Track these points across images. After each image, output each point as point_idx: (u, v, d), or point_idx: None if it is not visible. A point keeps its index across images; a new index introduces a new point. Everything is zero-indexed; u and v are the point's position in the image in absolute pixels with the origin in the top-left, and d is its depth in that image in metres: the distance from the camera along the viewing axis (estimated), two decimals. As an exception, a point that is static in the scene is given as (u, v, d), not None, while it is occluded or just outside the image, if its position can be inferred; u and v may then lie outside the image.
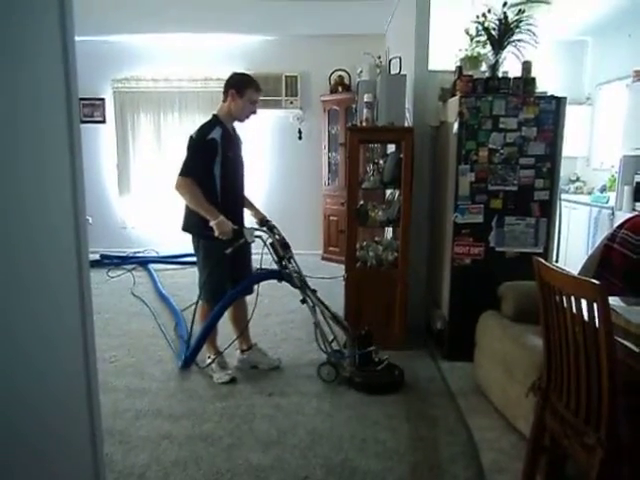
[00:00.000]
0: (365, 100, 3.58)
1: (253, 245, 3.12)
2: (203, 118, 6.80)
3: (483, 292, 3.06)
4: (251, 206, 3.36)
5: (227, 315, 3.28)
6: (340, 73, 6.45)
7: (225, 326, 3.38)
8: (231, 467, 2.31)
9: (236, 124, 3.19)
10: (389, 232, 4.23)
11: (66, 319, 1.27)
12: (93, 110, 6.76)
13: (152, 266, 6.11)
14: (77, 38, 1.28)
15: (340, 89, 6.38)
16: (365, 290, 3.61)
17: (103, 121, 6.82)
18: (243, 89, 3.04)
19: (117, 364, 3.42)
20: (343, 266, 3.76)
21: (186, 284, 5.45)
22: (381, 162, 3.75)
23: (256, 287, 3.24)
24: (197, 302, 3.19)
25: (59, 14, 1.17)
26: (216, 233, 2.88)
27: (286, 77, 6.48)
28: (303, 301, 3.15)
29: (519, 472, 2.13)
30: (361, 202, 3.75)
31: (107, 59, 6.56)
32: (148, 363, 3.44)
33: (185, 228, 3.13)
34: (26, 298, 1.12)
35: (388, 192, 3.99)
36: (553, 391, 1.91)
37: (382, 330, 3.51)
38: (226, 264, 3.01)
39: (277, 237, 3.18)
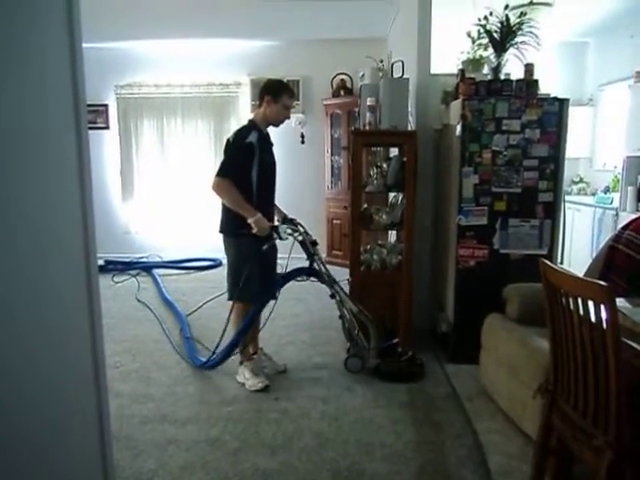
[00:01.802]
0: (368, 104, 3.59)
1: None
2: (206, 123, 6.95)
3: (488, 294, 3.05)
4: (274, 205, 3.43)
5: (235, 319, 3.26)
6: (342, 77, 6.46)
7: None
8: (238, 472, 2.31)
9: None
10: (393, 235, 4.23)
11: (75, 325, 1.27)
12: (97, 116, 6.79)
13: (156, 271, 6.12)
14: (82, 45, 1.29)
15: (342, 93, 6.40)
16: (369, 293, 3.61)
17: (107, 127, 6.86)
18: (278, 95, 3.12)
19: (122, 369, 3.42)
20: (347, 270, 3.76)
21: (190, 289, 5.47)
22: (384, 165, 3.75)
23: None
24: (233, 306, 3.20)
25: (67, 22, 1.18)
26: (254, 230, 2.95)
27: (288, 81, 6.47)
28: (332, 296, 3.26)
29: (526, 475, 2.12)
30: (365, 206, 3.75)
31: (110, 65, 6.59)
32: (153, 368, 3.45)
33: (222, 230, 3.18)
34: (35, 305, 1.12)
35: (391, 195, 3.99)
36: (560, 393, 1.90)
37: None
38: (265, 262, 3.09)
39: (306, 234, 3.25)
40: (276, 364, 3.36)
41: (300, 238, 3.22)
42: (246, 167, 3.03)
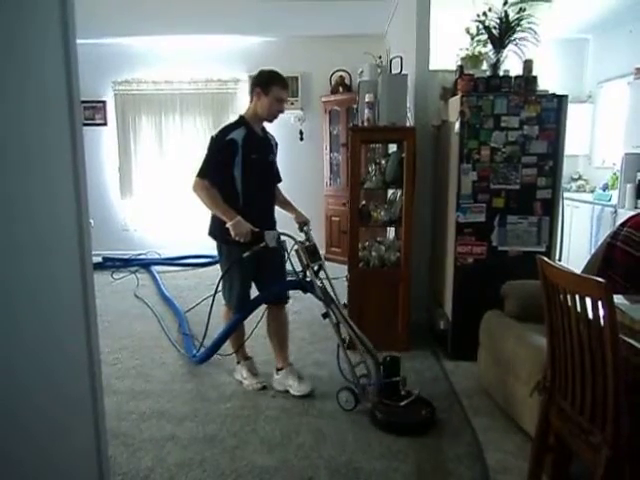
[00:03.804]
0: (366, 100, 3.58)
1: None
2: (204, 120, 6.95)
3: (486, 291, 3.05)
4: (292, 209, 3.25)
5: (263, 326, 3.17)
6: (341, 73, 6.45)
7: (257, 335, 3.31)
8: (235, 468, 2.30)
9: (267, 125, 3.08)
10: (391, 232, 4.23)
11: (70, 321, 1.27)
12: (94, 113, 6.78)
13: (154, 268, 6.12)
14: (77, 41, 1.28)
15: (341, 89, 6.39)
16: (368, 290, 3.61)
17: (104, 124, 6.84)
18: (268, 86, 2.89)
19: (120, 366, 3.42)
20: (345, 267, 3.76)
21: (188, 286, 5.47)
22: (383, 162, 3.74)
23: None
24: (211, 304, 3.02)
25: (60, 18, 1.17)
26: (232, 234, 2.74)
27: (287, 78, 6.47)
28: (325, 315, 2.86)
29: (524, 472, 2.12)
30: (363, 202, 3.74)
31: (108, 61, 6.58)
32: (151, 365, 3.44)
33: (209, 232, 3.02)
34: (31, 300, 1.12)
35: (390, 192, 3.99)
36: (558, 390, 1.90)
37: (385, 331, 3.51)
38: (248, 269, 2.90)
39: (307, 243, 2.96)
40: (303, 386, 3.08)
41: (295, 247, 2.89)
42: (228, 166, 2.83)
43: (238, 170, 2.85)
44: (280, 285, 3.06)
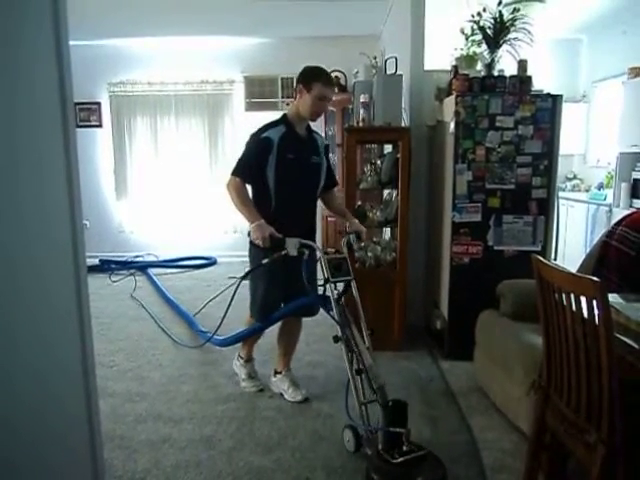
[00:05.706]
0: (361, 101, 3.58)
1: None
2: (199, 121, 6.92)
3: (482, 291, 3.06)
4: (346, 217, 3.01)
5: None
6: (336, 74, 6.43)
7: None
8: (232, 470, 2.30)
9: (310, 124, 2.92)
10: (387, 232, 4.23)
11: (64, 323, 1.26)
12: (90, 114, 6.76)
13: (151, 270, 6.10)
14: (72, 42, 1.28)
15: (336, 90, 6.36)
16: (364, 291, 3.56)
17: (100, 125, 6.83)
18: (310, 83, 2.70)
19: (116, 368, 3.41)
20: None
21: (185, 287, 5.46)
22: (378, 162, 3.75)
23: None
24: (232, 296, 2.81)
25: (53, 19, 1.17)
26: (251, 237, 2.62)
27: (282, 79, 6.49)
28: (337, 339, 2.50)
29: (520, 471, 2.12)
30: (359, 203, 3.75)
31: (103, 63, 6.56)
32: (148, 367, 3.43)
33: (248, 233, 2.77)
34: (24, 303, 1.11)
35: (386, 192, 3.99)
36: (553, 389, 1.90)
37: (381, 331, 3.49)
38: (275, 278, 2.75)
39: (336, 255, 2.68)
40: (297, 392, 3.01)
41: (318, 257, 2.61)
42: (261, 166, 2.67)
43: (272, 170, 2.69)
44: (301, 300, 2.80)
